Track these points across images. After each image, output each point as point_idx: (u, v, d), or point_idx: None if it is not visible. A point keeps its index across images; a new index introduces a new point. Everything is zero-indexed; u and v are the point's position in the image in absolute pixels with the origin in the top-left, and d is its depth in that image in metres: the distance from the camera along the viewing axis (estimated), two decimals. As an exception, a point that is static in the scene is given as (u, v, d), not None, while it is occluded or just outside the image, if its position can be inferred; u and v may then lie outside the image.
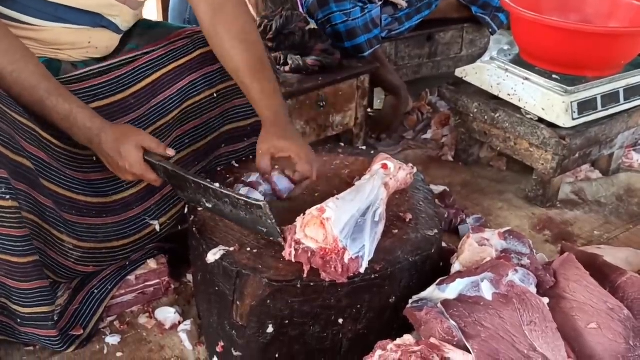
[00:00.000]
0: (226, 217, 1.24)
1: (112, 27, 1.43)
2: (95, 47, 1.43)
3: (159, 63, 1.45)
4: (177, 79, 1.47)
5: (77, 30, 1.37)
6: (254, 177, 1.31)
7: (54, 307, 1.28)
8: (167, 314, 1.46)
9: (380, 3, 2.26)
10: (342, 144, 1.66)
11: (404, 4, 2.34)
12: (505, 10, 2.22)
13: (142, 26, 1.59)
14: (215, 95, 1.51)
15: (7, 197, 1.12)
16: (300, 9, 2.25)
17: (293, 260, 1.12)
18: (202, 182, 1.20)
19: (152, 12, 2.88)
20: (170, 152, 1.27)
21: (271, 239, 1.17)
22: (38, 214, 1.22)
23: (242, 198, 1.14)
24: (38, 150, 1.23)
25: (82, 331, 1.36)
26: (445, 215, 1.79)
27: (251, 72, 1.37)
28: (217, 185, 1.19)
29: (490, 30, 2.57)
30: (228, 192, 1.17)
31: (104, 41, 1.44)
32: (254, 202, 1.13)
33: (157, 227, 1.44)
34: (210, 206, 1.23)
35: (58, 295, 1.35)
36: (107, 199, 1.37)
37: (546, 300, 1.09)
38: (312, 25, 2.21)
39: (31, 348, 1.38)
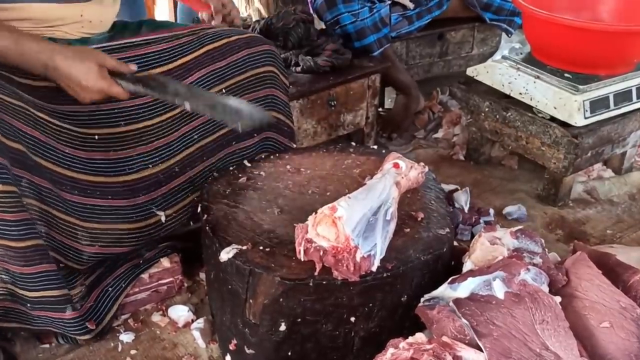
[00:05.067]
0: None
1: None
2: (89, 21, 1.43)
3: (165, 57, 1.45)
4: (186, 74, 1.47)
5: (68, 5, 1.37)
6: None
7: (65, 290, 1.28)
8: (180, 312, 1.47)
9: (389, 2, 2.26)
10: (353, 143, 1.66)
11: (411, 5, 2.34)
12: (518, 10, 2.21)
13: (149, 26, 1.61)
14: (224, 91, 1.52)
15: None
16: (310, 10, 2.26)
17: (305, 258, 1.13)
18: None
19: (163, 12, 2.90)
20: (133, 66, 1.28)
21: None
22: (37, 196, 1.23)
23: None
24: (32, 129, 1.23)
25: (95, 326, 1.37)
26: (461, 218, 1.79)
27: None
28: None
29: (509, 34, 2.55)
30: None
31: (97, 14, 1.44)
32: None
33: (163, 218, 1.45)
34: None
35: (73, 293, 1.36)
36: (110, 179, 1.37)
37: (558, 299, 1.09)
38: (322, 25, 2.21)
39: (47, 345, 1.40)
